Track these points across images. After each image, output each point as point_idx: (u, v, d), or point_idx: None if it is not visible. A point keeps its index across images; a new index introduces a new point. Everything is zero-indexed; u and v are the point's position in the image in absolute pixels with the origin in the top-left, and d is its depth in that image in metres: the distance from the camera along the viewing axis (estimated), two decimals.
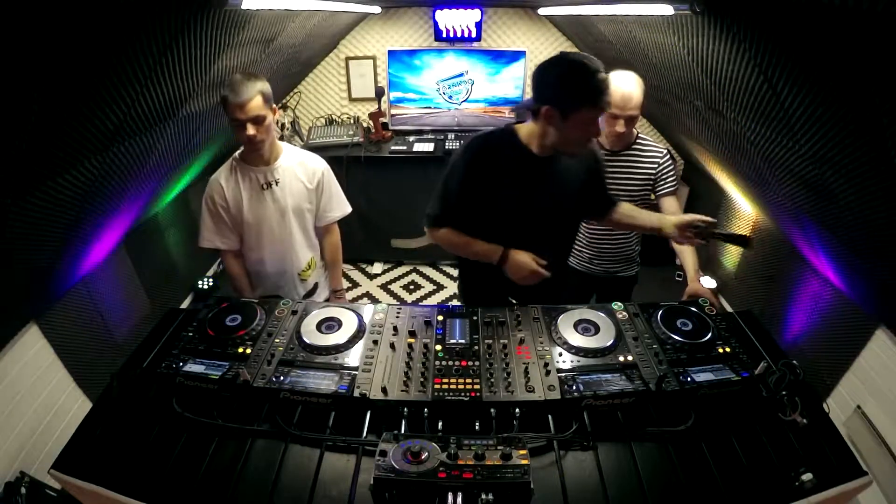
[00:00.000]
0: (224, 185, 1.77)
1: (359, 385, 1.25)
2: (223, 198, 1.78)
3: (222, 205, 1.78)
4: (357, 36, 3.71)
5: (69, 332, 2.08)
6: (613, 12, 1.98)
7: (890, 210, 1.22)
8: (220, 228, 1.83)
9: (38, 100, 0.97)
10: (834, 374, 2.11)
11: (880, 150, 1.04)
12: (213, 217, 1.81)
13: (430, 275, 3.90)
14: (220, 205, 1.79)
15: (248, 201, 1.78)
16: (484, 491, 0.95)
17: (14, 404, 1.80)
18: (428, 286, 3.79)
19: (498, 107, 3.79)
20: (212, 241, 1.84)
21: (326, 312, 1.50)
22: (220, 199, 1.78)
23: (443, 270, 3.93)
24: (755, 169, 2.01)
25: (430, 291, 3.74)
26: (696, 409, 1.24)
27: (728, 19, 1.18)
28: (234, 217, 1.81)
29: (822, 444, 1.21)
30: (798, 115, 1.26)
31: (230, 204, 1.78)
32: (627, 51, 2.39)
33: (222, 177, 1.79)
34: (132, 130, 1.51)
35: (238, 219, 1.81)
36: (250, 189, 1.78)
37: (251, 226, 1.82)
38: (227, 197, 1.77)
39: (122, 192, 1.85)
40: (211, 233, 1.84)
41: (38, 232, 1.44)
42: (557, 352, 1.38)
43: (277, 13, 1.81)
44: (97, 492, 1.10)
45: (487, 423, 1.18)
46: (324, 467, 1.13)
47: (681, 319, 1.48)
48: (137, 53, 1.17)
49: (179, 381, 1.29)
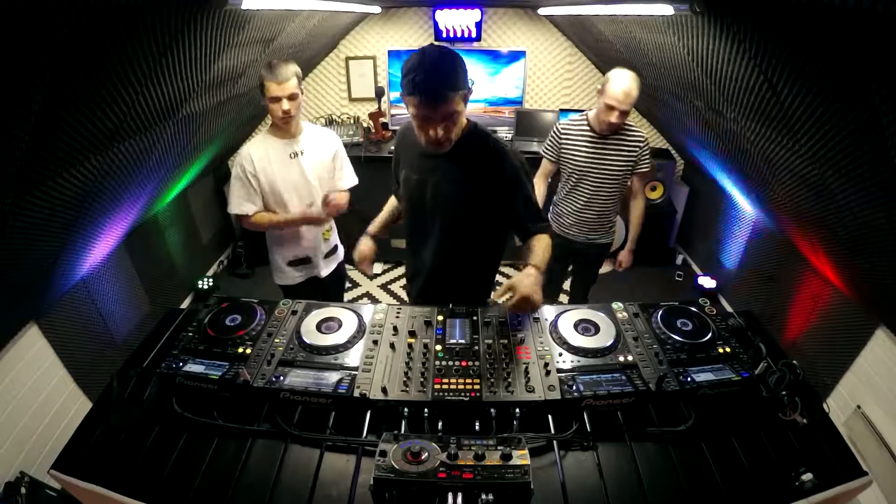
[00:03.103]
0: (254, 155, 1.96)
1: (359, 385, 1.25)
2: (252, 165, 1.96)
3: (251, 172, 1.96)
4: (357, 36, 3.71)
5: (69, 332, 2.08)
6: (613, 12, 1.98)
7: (890, 210, 1.22)
8: (250, 194, 2.00)
9: (38, 99, 0.97)
10: (834, 374, 2.11)
11: (880, 150, 1.04)
12: (244, 184, 1.98)
13: None
14: (250, 172, 1.96)
15: (278, 170, 2.00)
16: (484, 491, 0.95)
17: (14, 404, 1.80)
18: None
19: (498, 107, 3.79)
20: (240, 206, 2.00)
21: (326, 312, 1.50)
22: (249, 167, 1.96)
23: None
24: (755, 169, 2.02)
25: None
26: (696, 410, 1.24)
27: (728, 19, 1.18)
28: (262, 184, 2.00)
29: (822, 444, 1.21)
30: (798, 115, 1.26)
31: (258, 171, 1.97)
32: (627, 51, 2.39)
33: (252, 148, 1.98)
34: (132, 130, 1.51)
35: (266, 186, 2.00)
36: (280, 159, 1.99)
37: (282, 191, 2.02)
38: (257, 166, 1.96)
39: (122, 192, 1.86)
40: (241, 199, 2.00)
41: (38, 232, 1.44)
42: (557, 352, 1.37)
43: (277, 13, 1.82)
44: (97, 492, 1.10)
45: (487, 423, 1.18)
46: (324, 467, 1.13)
47: (681, 319, 1.48)
48: (137, 53, 1.17)
49: (179, 381, 1.29)
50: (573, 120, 2.27)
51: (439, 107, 1.26)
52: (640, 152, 2.22)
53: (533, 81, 3.82)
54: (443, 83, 1.24)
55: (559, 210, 2.46)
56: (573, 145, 2.25)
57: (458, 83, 1.26)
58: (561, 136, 2.28)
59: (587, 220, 2.38)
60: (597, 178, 2.26)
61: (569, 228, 2.43)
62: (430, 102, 1.25)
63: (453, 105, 1.27)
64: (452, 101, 1.26)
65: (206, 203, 3.71)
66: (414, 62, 1.25)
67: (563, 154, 2.29)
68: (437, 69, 1.23)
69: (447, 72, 1.25)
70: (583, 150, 2.23)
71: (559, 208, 2.46)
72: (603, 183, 2.26)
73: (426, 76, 1.22)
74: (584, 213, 2.36)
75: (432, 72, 1.22)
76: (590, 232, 2.42)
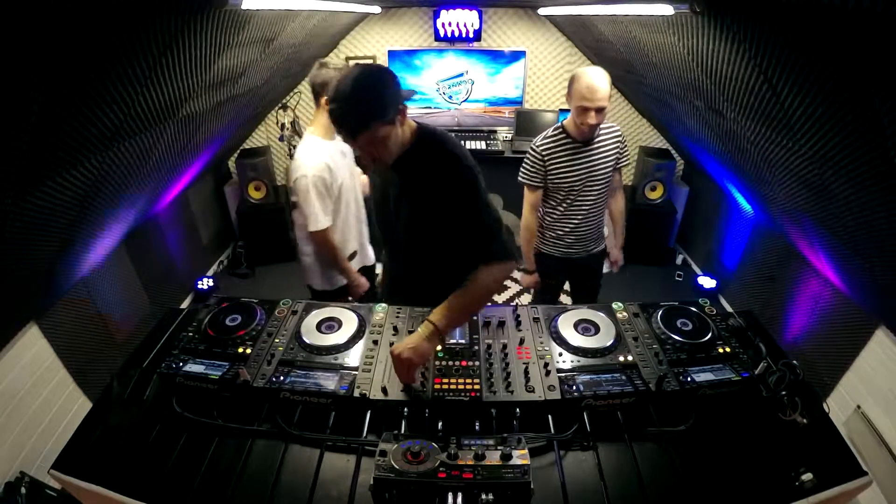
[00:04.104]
0: (328, 164, 1.88)
1: (359, 385, 1.25)
2: (330, 175, 1.88)
3: (329, 181, 1.89)
4: (357, 36, 3.71)
5: (69, 332, 2.08)
6: (613, 12, 1.98)
7: (890, 210, 1.22)
8: (327, 205, 1.92)
9: (38, 99, 0.97)
10: (834, 374, 2.11)
11: (880, 150, 1.04)
12: (323, 197, 1.89)
13: None
14: (328, 182, 1.88)
15: (340, 172, 1.94)
16: (484, 491, 0.95)
17: (14, 404, 1.80)
18: None
19: (498, 107, 3.79)
20: (326, 220, 1.91)
21: (326, 312, 1.50)
22: (328, 177, 1.88)
23: None
24: (755, 169, 2.02)
25: None
26: (696, 410, 1.24)
27: (728, 19, 1.18)
28: (333, 191, 1.93)
29: (822, 444, 1.21)
30: (798, 115, 1.26)
31: (331, 178, 1.90)
32: (627, 51, 2.39)
33: (316, 156, 1.87)
34: (132, 130, 1.51)
35: (336, 191, 1.94)
36: (336, 161, 1.93)
37: (343, 192, 1.97)
38: (331, 174, 1.89)
39: (123, 192, 1.85)
40: (323, 212, 1.90)
41: (39, 232, 1.44)
42: (557, 352, 1.38)
43: (277, 13, 1.81)
44: (97, 492, 1.10)
45: (487, 423, 1.18)
46: (324, 467, 1.13)
47: (681, 319, 1.48)
48: (137, 53, 1.17)
49: (179, 381, 1.29)
50: (551, 137, 2.05)
51: (358, 138, 1.18)
52: (621, 146, 2.11)
53: (533, 81, 3.82)
54: (359, 115, 1.16)
55: (555, 233, 2.23)
56: (559, 162, 2.04)
57: (377, 112, 1.17)
58: (544, 156, 2.05)
59: (587, 233, 2.22)
60: (593, 188, 2.10)
61: (569, 247, 2.25)
62: (350, 134, 1.19)
63: (373, 134, 1.18)
64: (371, 131, 1.17)
65: (206, 203, 3.71)
66: (334, 91, 1.17)
67: (550, 175, 2.07)
68: (353, 101, 1.15)
69: (364, 102, 1.16)
70: (570, 163, 2.04)
71: (555, 231, 2.23)
72: (599, 191, 2.12)
73: (342, 107, 1.15)
74: (583, 227, 2.19)
75: (344, 105, 1.15)
76: (588, 244, 2.26)
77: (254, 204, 3.71)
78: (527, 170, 2.11)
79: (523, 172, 2.13)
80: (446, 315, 1.27)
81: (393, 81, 1.21)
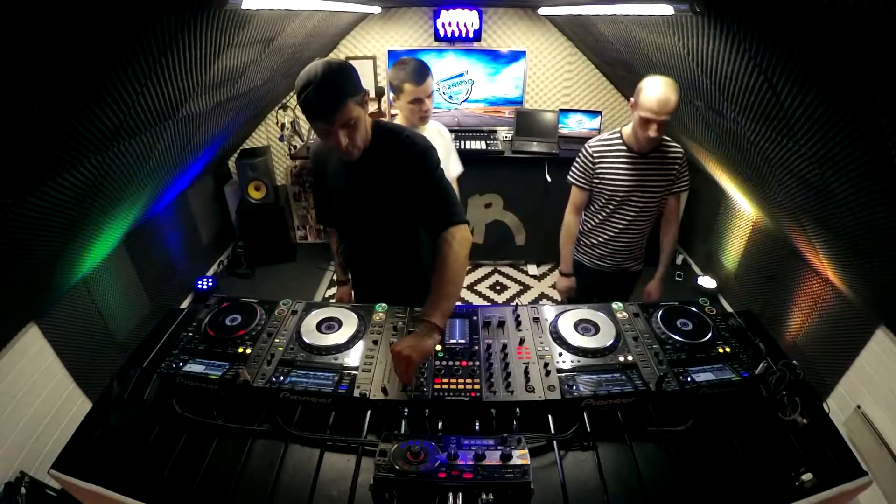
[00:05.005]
0: None
1: (359, 385, 1.25)
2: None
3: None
4: (357, 36, 3.70)
5: (69, 332, 2.08)
6: (613, 12, 1.98)
7: (890, 210, 1.22)
8: None
9: (38, 99, 0.97)
10: (834, 374, 2.11)
11: (880, 150, 1.04)
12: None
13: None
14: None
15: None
16: (484, 491, 0.95)
17: (14, 404, 1.80)
18: None
19: (498, 107, 3.79)
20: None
21: (326, 312, 1.50)
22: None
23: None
24: (755, 169, 2.01)
25: None
26: (696, 410, 1.24)
27: (728, 19, 1.18)
28: None
29: (822, 444, 1.21)
30: (798, 115, 1.26)
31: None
32: (627, 51, 2.39)
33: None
34: (132, 130, 1.51)
35: None
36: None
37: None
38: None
39: (122, 192, 1.85)
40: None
41: (39, 232, 1.44)
42: (557, 352, 1.38)
43: (277, 13, 1.81)
44: (97, 492, 1.10)
45: (487, 423, 1.18)
46: (324, 467, 1.13)
47: (681, 319, 1.48)
48: (137, 53, 1.17)
49: (179, 381, 1.29)
50: (606, 140, 2.02)
51: (336, 116, 1.26)
52: (680, 168, 2.00)
53: (533, 81, 3.82)
54: (334, 92, 1.25)
55: (590, 241, 2.19)
56: (610, 168, 2.00)
57: (350, 89, 1.27)
58: (594, 159, 2.01)
59: (622, 248, 2.15)
60: (638, 202, 2.02)
61: (601, 259, 2.20)
62: (327, 114, 1.26)
63: (349, 112, 1.27)
64: (347, 108, 1.27)
65: (206, 203, 3.71)
66: (303, 80, 1.25)
67: (597, 179, 2.03)
68: (326, 81, 1.23)
69: (336, 81, 1.25)
70: (622, 172, 1.98)
71: (590, 239, 2.19)
72: (643, 207, 2.03)
73: (316, 89, 1.22)
74: (619, 241, 2.13)
75: (321, 84, 1.23)
76: (623, 261, 2.19)
77: (254, 204, 3.71)
78: (575, 169, 2.11)
79: (571, 171, 2.13)
80: (438, 307, 1.29)
81: (354, 70, 1.32)
